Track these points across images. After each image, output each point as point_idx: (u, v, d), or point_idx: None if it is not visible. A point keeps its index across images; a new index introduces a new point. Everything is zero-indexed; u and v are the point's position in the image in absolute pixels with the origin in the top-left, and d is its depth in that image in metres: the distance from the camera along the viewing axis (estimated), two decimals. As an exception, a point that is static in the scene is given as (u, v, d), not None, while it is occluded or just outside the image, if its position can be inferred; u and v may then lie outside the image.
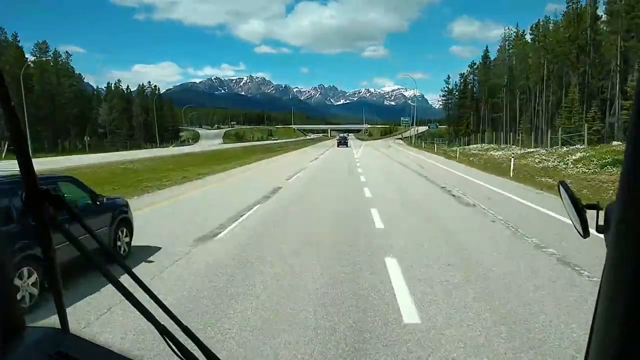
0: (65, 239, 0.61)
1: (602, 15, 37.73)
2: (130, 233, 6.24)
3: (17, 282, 3.86)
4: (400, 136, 76.91)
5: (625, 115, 31.81)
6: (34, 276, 4.09)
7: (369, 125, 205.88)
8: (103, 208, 5.68)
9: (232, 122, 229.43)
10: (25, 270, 4.01)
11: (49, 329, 0.66)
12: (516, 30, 51.65)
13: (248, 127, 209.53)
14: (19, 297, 3.90)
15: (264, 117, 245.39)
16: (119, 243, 5.86)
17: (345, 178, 17.12)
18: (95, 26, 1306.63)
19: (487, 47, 65.17)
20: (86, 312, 4.04)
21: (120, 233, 5.92)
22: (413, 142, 67.06)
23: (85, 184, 5.73)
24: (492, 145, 45.01)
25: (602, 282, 0.39)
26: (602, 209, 0.63)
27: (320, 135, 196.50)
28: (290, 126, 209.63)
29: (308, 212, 9.56)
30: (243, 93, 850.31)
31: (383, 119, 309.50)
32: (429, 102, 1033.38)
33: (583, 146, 24.26)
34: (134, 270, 0.72)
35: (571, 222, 0.76)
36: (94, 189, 5.94)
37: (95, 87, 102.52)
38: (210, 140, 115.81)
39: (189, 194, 13.12)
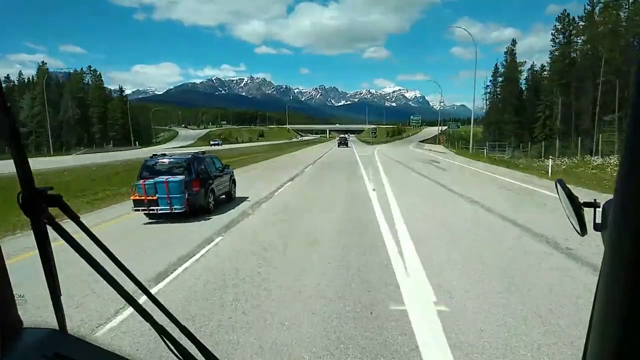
0: (63, 239, 0.60)
1: None
2: (235, 187, 11.25)
3: (207, 198, 8.93)
4: (441, 139, 47.98)
5: None
6: (212, 197, 9.10)
7: (374, 126, 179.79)
8: (227, 172, 10.82)
9: (223, 122, 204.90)
10: (210, 194, 9.00)
11: (47, 330, 0.63)
12: None
13: (238, 127, 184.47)
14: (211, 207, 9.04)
15: (257, 116, 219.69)
16: (232, 192, 10.96)
17: None
18: (94, 26, 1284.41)
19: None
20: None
21: (232, 185, 11.03)
22: (460, 149, 40.98)
23: (219, 159, 10.86)
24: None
25: (600, 280, 0.38)
26: (599, 207, 0.61)
27: (318, 136, 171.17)
28: (285, 126, 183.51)
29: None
30: (244, 94, 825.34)
31: (386, 119, 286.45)
32: (430, 103, 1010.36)
33: None
34: None
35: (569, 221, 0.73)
36: None
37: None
38: (183, 142, 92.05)
39: None
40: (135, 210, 8.19)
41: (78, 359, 0.60)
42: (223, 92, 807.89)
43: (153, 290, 4.29)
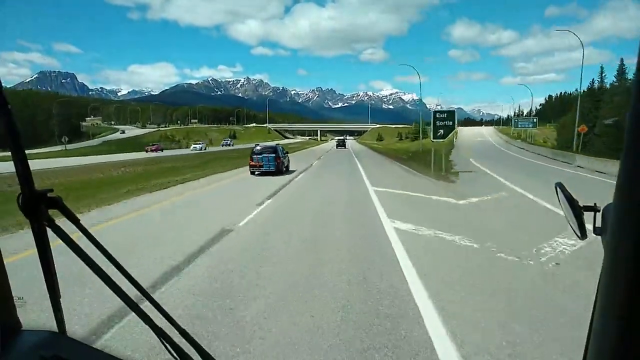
0: (63, 242, 0.59)
1: None
2: (289, 163, 18.54)
3: (282, 166, 17.01)
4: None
5: None
6: (283, 166, 16.89)
7: (379, 125, 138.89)
8: (286, 155, 18.39)
9: (193, 120, 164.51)
10: (283, 165, 16.81)
11: (46, 332, 0.62)
12: None
13: (207, 126, 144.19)
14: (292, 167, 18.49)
15: (234, 114, 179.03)
16: (288, 166, 18.32)
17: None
18: (88, 25, 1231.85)
19: None
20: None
21: (287, 161, 18.30)
22: None
23: (283, 147, 19.27)
24: None
25: (600, 284, 0.37)
26: (599, 211, 0.60)
27: (307, 138, 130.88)
28: (264, 125, 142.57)
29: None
30: (240, 95, 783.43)
31: (382, 121, 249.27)
32: (427, 106, 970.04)
33: None
34: None
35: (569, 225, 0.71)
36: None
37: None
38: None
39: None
40: (251, 170, 16.14)
41: None
42: (219, 92, 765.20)
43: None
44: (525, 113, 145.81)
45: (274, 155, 16.01)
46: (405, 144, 64.92)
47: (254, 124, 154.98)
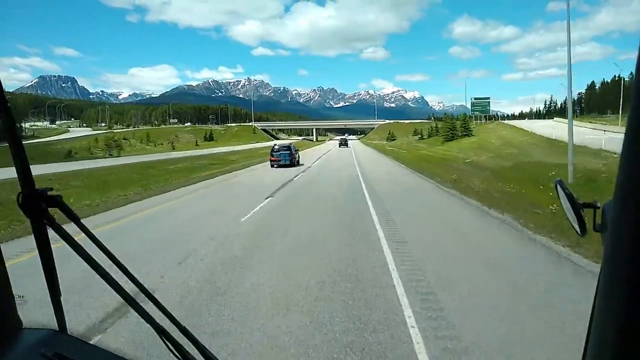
0: (63, 240, 0.57)
1: None
2: (299, 158, 23.86)
3: (295, 160, 22.55)
4: None
5: None
6: (296, 160, 22.37)
7: (388, 121, 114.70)
8: (297, 151, 24.33)
9: (173, 120, 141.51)
10: (295, 159, 22.28)
11: (46, 330, 0.61)
12: None
13: (179, 126, 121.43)
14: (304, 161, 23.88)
15: (218, 112, 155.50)
16: (299, 160, 23.56)
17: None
18: (88, 29, 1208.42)
19: None
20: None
21: (298, 157, 23.67)
22: None
23: (295, 146, 25.05)
24: None
25: (600, 281, 0.36)
26: (599, 208, 0.59)
27: (300, 138, 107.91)
28: (250, 124, 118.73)
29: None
30: (241, 96, 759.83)
31: (388, 119, 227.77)
32: (429, 103, 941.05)
33: None
34: None
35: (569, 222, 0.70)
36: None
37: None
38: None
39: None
40: (271, 163, 21.16)
41: (77, 359, 0.56)
42: (220, 94, 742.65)
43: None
44: (559, 104, 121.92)
45: (288, 152, 21.58)
46: (437, 145, 41.21)
47: (236, 123, 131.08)
